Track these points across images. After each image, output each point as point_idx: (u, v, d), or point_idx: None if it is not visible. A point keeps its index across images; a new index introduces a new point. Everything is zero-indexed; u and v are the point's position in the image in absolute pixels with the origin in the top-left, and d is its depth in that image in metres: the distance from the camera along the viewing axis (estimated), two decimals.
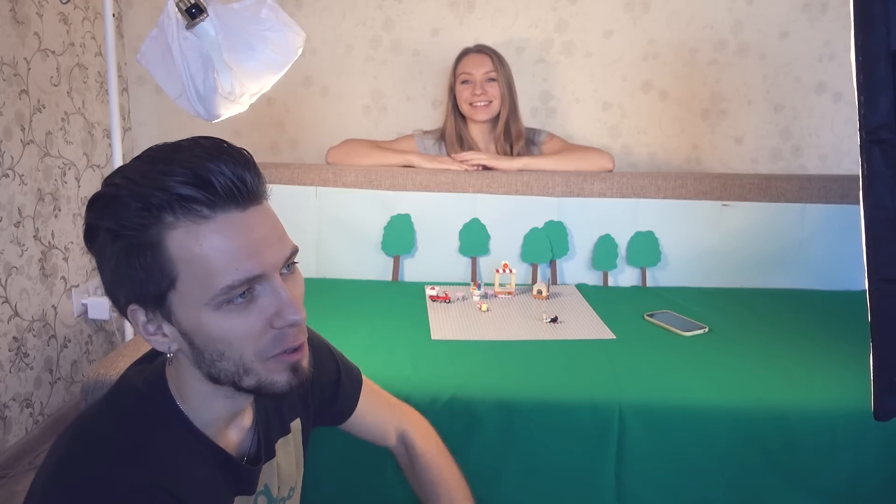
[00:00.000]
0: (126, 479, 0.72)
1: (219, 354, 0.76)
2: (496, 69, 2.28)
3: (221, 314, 0.74)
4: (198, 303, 0.74)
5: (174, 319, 0.76)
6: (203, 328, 0.75)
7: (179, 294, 0.74)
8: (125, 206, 0.71)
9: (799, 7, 2.57)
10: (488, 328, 1.75)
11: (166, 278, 0.73)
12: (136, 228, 0.72)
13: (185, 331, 0.76)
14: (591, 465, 1.41)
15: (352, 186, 2.16)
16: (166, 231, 0.72)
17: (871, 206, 0.96)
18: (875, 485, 1.40)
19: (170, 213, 0.71)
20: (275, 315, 0.76)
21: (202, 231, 0.72)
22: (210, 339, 0.75)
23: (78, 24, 2.39)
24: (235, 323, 0.75)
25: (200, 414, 0.82)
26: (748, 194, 2.16)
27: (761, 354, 1.61)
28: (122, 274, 0.74)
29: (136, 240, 0.72)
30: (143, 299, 0.75)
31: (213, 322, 0.74)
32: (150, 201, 0.71)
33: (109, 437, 0.77)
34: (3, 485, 2.03)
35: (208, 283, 0.73)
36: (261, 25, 1.67)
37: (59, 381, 2.33)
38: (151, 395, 0.82)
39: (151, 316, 0.77)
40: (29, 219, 2.17)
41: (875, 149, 0.94)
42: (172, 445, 0.79)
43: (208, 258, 0.72)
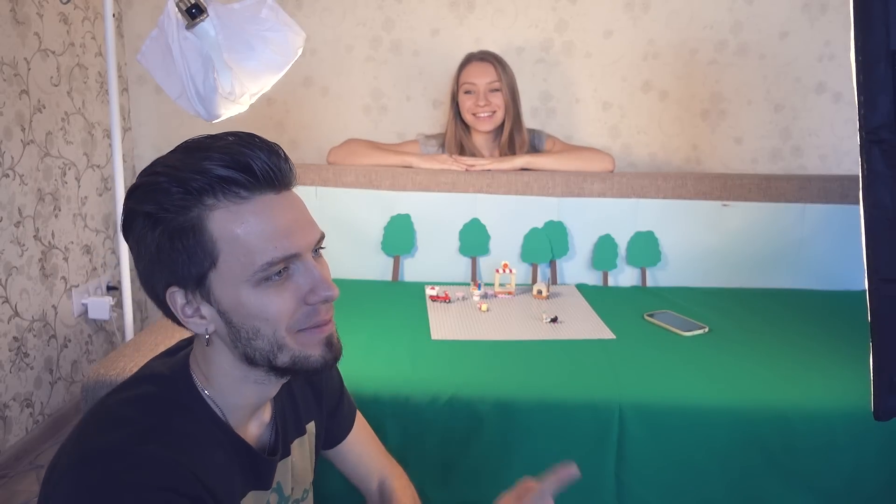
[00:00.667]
0: (147, 453, 0.75)
1: (255, 332, 0.79)
2: (500, 78, 2.24)
3: (260, 291, 0.78)
4: (238, 280, 0.77)
5: (213, 299, 0.79)
6: (242, 305, 0.78)
7: (220, 273, 0.78)
8: (165, 192, 0.75)
9: (799, 7, 2.57)
10: (488, 328, 1.75)
11: (208, 258, 0.77)
12: (177, 211, 0.76)
13: (223, 309, 0.79)
14: (592, 464, 1.41)
15: (352, 186, 2.16)
16: (207, 213, 0.76)
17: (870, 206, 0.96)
18: (875, 485, 1.40)
19: (210, 195, 0.76)
20: (309, 292, 0.80)
21: (242, 212, 0.77)
22: (248, 315, 0.79)
23: (78, 24, 2.39)
24: (273, 299, 0.79)
25: (228, 400, 0.85)
26: (748, 194, 2.16)
27: (761, 354, 1.61)
28: (164, 258, 0.77)
29: (177, 223, 0.76)
30: (184, 281, 0.79)
31: (252, 299, 0.78)
32: (191, 185, 0.75)
33: (131, 418, 0.79)
34: (3, 485, 2.03)
35: (248, 261, 0.77)
36: (261, 25, 1.67)
37: (59, 381, 2.33)
38: (174, 382, 0.84)
39: (190, 297, 0.80)
40: (29, 219, 2.17)
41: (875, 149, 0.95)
42: (192, 430, 0.81)
43: (249, 237, 0.77)
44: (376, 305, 1.89)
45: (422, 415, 1.41)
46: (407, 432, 1.42)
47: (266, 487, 0.91)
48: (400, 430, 1.42)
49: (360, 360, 1.55)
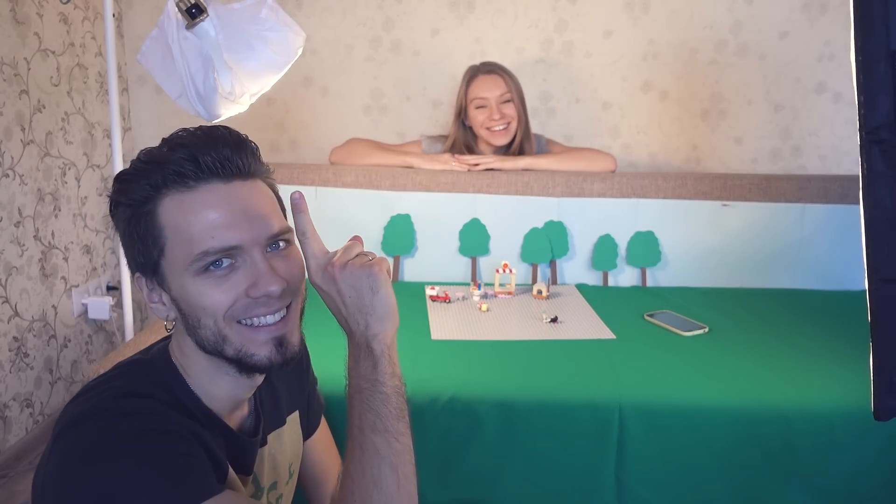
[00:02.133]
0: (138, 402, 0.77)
1: (197, 321, 0.80)
2: (510, 89, 2.21)
3: (199, 280, 0.78)
4: (181, 268, 0.78)
5: (166, 286, 0.81)
6: (185, 294, 0.79)
7: (168, 260, 0.79)
8: (128, 181, 0.80)
9: (799, 7, 2.57)
10: (488, 328, 1.75)
11: (157, 246, 0.79)
12: (136, 200, 0.78)
13: (173, 297, 0.81)
14: (591, 465, 1.42)
15: (352, 186, 2.16)
16: (159, 201, 0.78)
17: (870, 206, 0.96)
18: (875, 485, 1.40)
19: (161, 183, 0.78)
20: (251, 286, 0.79)
21: (187, 200, 0.78)
22: (190, 304, 0.79)
23: (78, 24, 2.39)
24: (210, 290, 0.78)
25: (205, 389, 0.85)
26: (748, 194, 2.16)
27: (761, 354, 1.61)
28: (126, 245, 0.81)
29: (134, 210, 0.79)
30: (144, 267, 0.81)
31: (192, 288, 0.78)
32: (150, 175, 0.78)
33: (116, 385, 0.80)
34: (3, 485, 2.03)
35: (188, 250, 0.77)
36: (261, 25, 1.67)
37: (59, 381, 2.33)
38: (154, 364, 0.85)
39: (151, 284, 0.82)
40: (29, 219, 2.17)
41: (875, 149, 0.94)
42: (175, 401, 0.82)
43: (190, 225, 0.77)
44: None
45: (422, 415, 1.41)
46: None
47: (247, 473, 0.90)
48: None
49: None
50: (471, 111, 2.25)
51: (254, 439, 0.91)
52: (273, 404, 0.98)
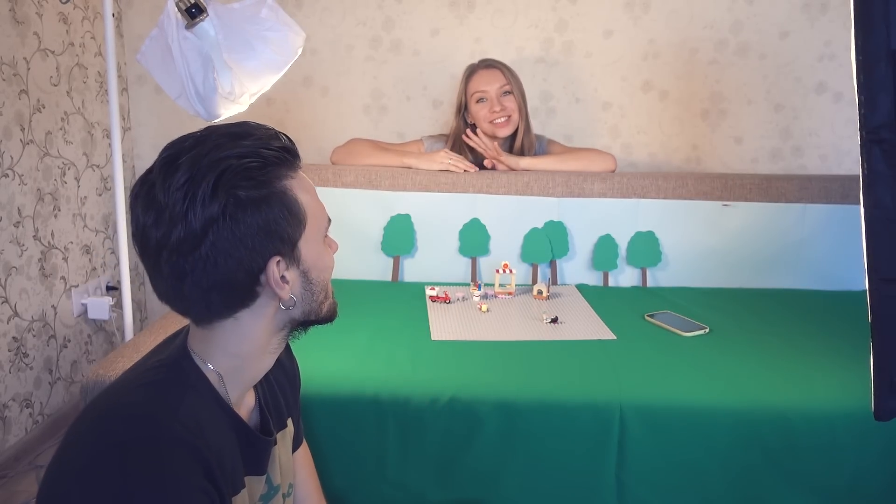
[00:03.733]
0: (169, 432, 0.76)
1: (323, 284, 0.90)
2: (510, 81, 2.23)
3: (326, 244, 0.91)
4: (318, 237, 0.88)
5: (301, 260, 0.86)
6: (321, 259, 0.88)
7: (307, 234, 0.86)
8: (248, 169, 0.80)
9: (799, 7, 2.57)
10: (488, 328, 1.75)
11: (301, 221, 0.85)
12: (267, 185, 0.81)
13: (307, 268, 0.87)
14: (592, 465, 1.41)
15: (352, 186, 2.16)
16: (289, 182, 0.84)
17: (871, 206, 0.96)
18: (876, 485, 1.40)
19: (286, 166, 0.84)
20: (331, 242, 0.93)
21: (304, 180, 0.87)
22: (323, 268, 0.89)
23: (78, 23, 2.39)
24: (329, 249, 0.92)
25: (236, 375, 0.87)
26: (748, 194, 2.16)
27: (762, 355, 1.61)
28: (272, 228, 0.82)
29: (277, 194, 0.82)
30: (286, 247, 0.84)
31: (325, 253, 0.90)
32: (270, 159, 0.82)
33: (144, 400, 0.80)
34: (3, 485, 2.03)
35: (322, 220, 0.89)
36: (261, 25, 1.67)
37: (58, 381, 2.33)
38: (179, 365, 0.85)
39: (287, 263, 0.85)
40: (28, 219, 2.16)
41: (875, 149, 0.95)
42: (203, 410, 0.82)
43: (314, 201, 0.87)
44: (376, 306, 1.89)
45: (422, 415, 1.41)
46: (407, 433, 1.42)
47: (261, 473, 0.92)
48: (400, 431, 1.42)
49: (360, 361, 1.54)
50: (472, 106, 2.26)
51: (269, 438, 0.93)
52: (276, 405, 1.00)
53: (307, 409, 1.39)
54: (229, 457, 0.84)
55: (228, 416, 0.86)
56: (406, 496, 1.43)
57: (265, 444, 0.92)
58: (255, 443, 0.90)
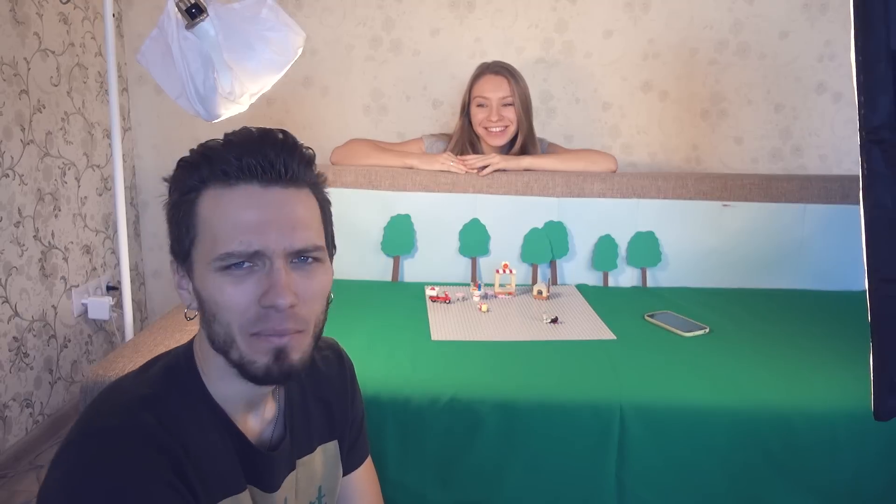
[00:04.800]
0: (139, 422, 0.77)
1: (213, 315, 0.80)
2: (513, 92, 2.21)
3: (220, 277, 0.78)
4: (205, 262, 0.79)
5: (193, 275, 0.82)
6: (206, 287, 0.80)
7: (197, 251, 0.81)
8: (185, 168, 0.82)
9: (799, 7, 2.57)
10: (488, 329, 1.75)
11: (190, 235, 0.81)
12: (184, 188, 0.81)
13: (196, 287, 0.82)
14: (592, 465, 1.41)
15: (352, 186, 2.16)
16: (202, 192, 0.80)
17: (871, 206, 0.96)
18: (876, 485, 1.40)
19: (208, 178, 0.80)
20: (263, 294, 0.78)
21: (224, 196, 0.79)
22: (208, 298, 0.80)
23: (78, 23, 2.39)
24: (229, 290, 0.78)
25: (220, 389, 0.84)
26: (748, 194, 2.16)
27: (762, 355, 1.61)
28: (169, 229, 0.84)
29: (181, 198, 0.81)
30: (177, 253, 0.84)
31: (213, 283, 0.79)
32: (200, 166, 0.80)
33: (129, 390, 0.82)
34: (3, 485, 2.03)
35: (214, 246, 0.78)
36: (261, 25, 1.67)
37: (58, 381, 2.33)
38: (177, 364, 0.86)
39: (182, 271, 0.84)
40: (29, 219, 2.17)
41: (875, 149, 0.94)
42: (188, 408, 0.82)
43: (220, 222, 0.78)
44: (376, 306, 1.89)
45: (422, 415, 1.41)
46: (407, 433, 1.42)
47: (270, 489, 0.88)
48: (400, 431, 1.42)
49: (360, 361, 1.54)
50: (472, 108, 2.26)
51: (272, 453, 0.88)
52: (305, 427, 0.94)
53: None
54: (219, 459, 0.81)
55: (222, 423, 0.83)
56: (406, 496, 1.43)
57: (267, 459, 0.87)
58: (252, 455, 0.85)
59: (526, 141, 2.27)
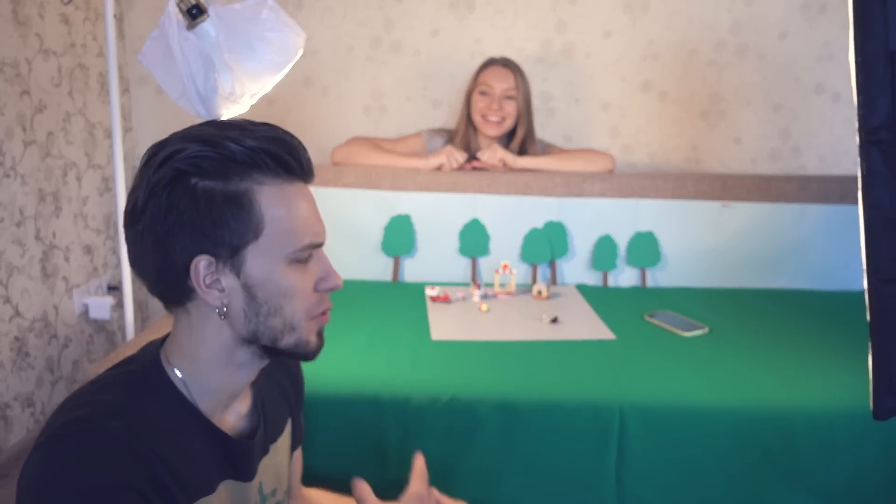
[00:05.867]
0: (105, 430, 0.75)
1: (276, 309, 0.82)
2: (517, 87, 2.25)
3: (291, 270, 0.82)
4: (275, 257, 0.81)
5: (243, 271, 0.81)
6: (272, 281, 0.81)
7: (259, 247, 0.80)
8: (209, 158, 0.78)
9: (797, 8, 2.57)
10: (488, 328, 1.75)
11: (253, 231, 0.80)
12: (224, 180, 0.78)
13: (251, 283, 0.81)
14: (592, 465, 1.42)
15: (352, 186, 2.16)
16: (256, 187, 0.80)
17: (870, 207, 0.96)
18: (875, 485, 1.41)
19: (260, 170, 0.80)
20: (321, 279, 0.85)
21: (288, 193, 0.82)
22: (276, 292, 0.82)
23: (79, 24, 2.39)
24: (299, 279, 0.83)
25: (204, 384, 0.85)
26: (748, 195, 2.16)
27: (761, 355, 1.62)
28: (204, 224, 0.78)
29: (229, 191, 0.79)
30: (218, 249, 0.80)
31: (283, 276, 0.82)
32: (240, 156, 0.79)
33: (94, 400, 0.80)
34: (4, 484, 2.03)
35: (291, 240, 0.81)
36: (261, 26, 1.67)
37: (60, 380, 2.33)
38: (143, 370, 0.84)
39: (219, 267, 0.80)
40: (30, 219, 2.17)
41: (874, 149, 0.95)
42: (158, 414, 0.81)
43: (294, 218, 0.82)
44: (376, 306, 1.89)
45: (422, 415, 1.41)
46: (407, 433, 1.42)
47: (246, 478, 0.89)
48: (400, 431, 1.42)
49: (360, 361, 1.55)
50: (474, 95, 2.29)
51: (251, 442, 0.90)
52: (273, 412, 0.98)
53: (308, 409, 1.39)
54: (195, 461, 0.82)
55: (197, 422, 0.84)
56: None
57: (245, 449, 0.89)
58: (232, 448, 0.87)
59: (526, 139, 2.29)
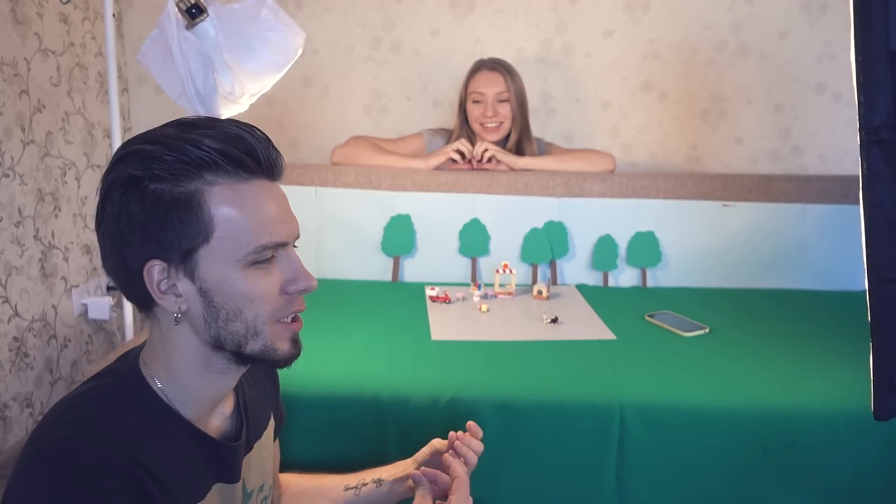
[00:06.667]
0: (91, 450, 0.73)
1: (235, 313, 0.80)
2: (508, 88, 2.23)
3: (248, 272, 0.79)
4: (229, 259, 0.78)
5: (197, 276, 0.78)
6: (228, 285, 0.79)
7: (211, 250, 0.78)
8: (164, 161, 0.75)
9: (798, 7, 2.57)
10: (488, 328, 1.75)
11: (202, 233, 0.77)
12: (175, 182, 0.76)
13: (206, 287, 0.79)
14: (592, 465, 1.41)
15: (352, 186, 2.16)
16: (207, 188, 0.77)
17: (870, 207, 0.96)
18: (875, 485, 1.40)
19: (212, 171, 0.77)
20: (289, 281, 0.82)
21: (242, 192, 0.78)
22: (232, 295, 0.79)
23: (78, 24, 2.39)
24: (259, 282, 0.80)
25: (184, 392, 0.83)
26: (748, 194, 2.16)
27: (761, 355, 1.61)
28: (152, 228, 0.76)
29: (175, 193, 0.76)
30: (169, 254, 0.77)
31: (240, 279, 0.79)
32: (193, 157, 0.75)
33: (77, 417, 0.77)
34: (3, 484, 2.03)
35: (244, 241, 0.78)
36: (261, 25, 1.67)
37: (59, 381, 2.33)
38: (124, 378, 0.83)
39: (171, 272, 0.78)
40: (29, 219, 2.17)
41: (874, 149, 0.95)
42: (144, 426, 0.79)
43: (248, 218, 0.78)
44: (376, 306, 1.89)
45: (422, 415, 1.41)
46: (407, 433, 1.42)
47: (233, 480, 0.89)
48: (400, 431, 1.42)
49: (360, 361, 1.55)
50: (468, 104, 2.28)
51: (236, 444, 0.89)
52: (256, 410, 0.97)
53: (307, 409, 1.39)
54: (184, 469, 0.81)
55: (183, 428, 0.83)
56: None
57: (232, 451, 0.88)
58: (220, 451, 0.86)
59: (521, 137, 2.29)
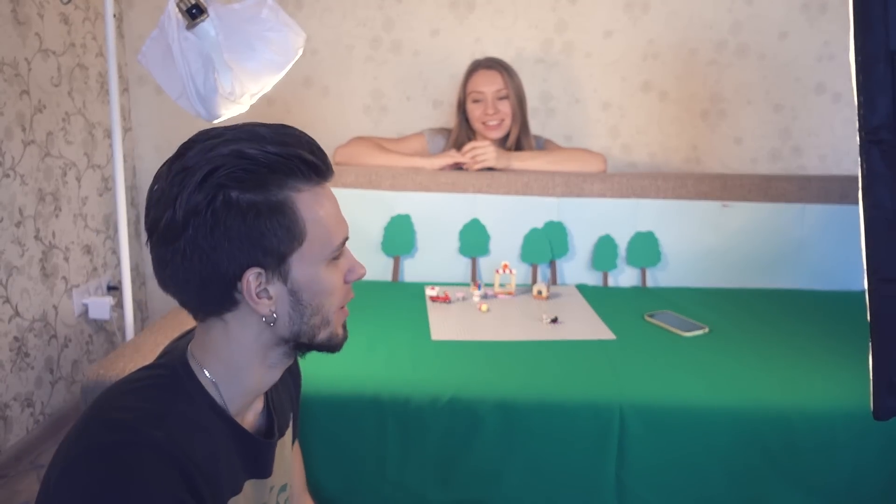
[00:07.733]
0: (148, 438, 0.75)
1: (318, 308, 0.85)
2: (507, 86, 2.25)
3: (331, 268, 0.86)
4: (318, 259, 0.84)
5: (290, 277, 0.83)
6: (316, 282, 0.84)
7: (302, 252, 0.83)
8: (249, 172, 0.78)
9: (798, 7, 2.57)
10: (488, 328, 1.75)
11: (297, 238, 0.82)
12: (268, 191, 0.79)
13: (297, 288, 0.83)
14: (592, 465, 1.42)
15: (352, 186, 2.16)
16: (294, 194, 0.81)
17: (870, 207, 0.96)
18: (875, 485, 1.41)
19: (295, 177, 0.81)
20: (349, 271, 0.89)
21: (320, 195, 0.84)
22: (319, 291, 0.85)
23: (79, 24, 2.39)
24: (334, 276, 0.87)
25: (234, 386, 0.86)
26: (748, 194, 2.16)
27: (761, 355, 1.62)
28: (254, 237, 0.79)
29: (271, 202, 0.80)
30: (268, 260, 0.81)
31: (327, 275, 0.85)
32: (278, 166, 0.80)
33: (133, 406, 0.79)
34: (4, 484, 2.03)
35: (328, 241, 0.84)
36: (261, 26, 1.67)
37: (59, 380, 2.33)
38: (175, 371, 0.85)
39: (268, 276, 0.82)
40: (30, 219, 2.17)
41: (874, 149, 0.95)
42: (195, 417, 0.82)
43: (328, 219, 0.84)
44: (376, 306, 1.89)
45: (422, 415, 1.41)
46: (407, 433, 1.42)
47: (265, 475, 0.92)
48: (400, 431, 1.42)
49: (361, 361, 1.55)
50: (468, 104, 2.30)
51: (271, 441, 0.93)
52: (281, 407, 1.00)
53: (307, 409, 1.39)
54: (224, 463, 0.83)
55: (226, 423, 0.85)
56: (406, 496, 1.43)
57: (267, 447, 0.92)
58: (256, 447, 0.90)
59: (520, 135, 2.30)
